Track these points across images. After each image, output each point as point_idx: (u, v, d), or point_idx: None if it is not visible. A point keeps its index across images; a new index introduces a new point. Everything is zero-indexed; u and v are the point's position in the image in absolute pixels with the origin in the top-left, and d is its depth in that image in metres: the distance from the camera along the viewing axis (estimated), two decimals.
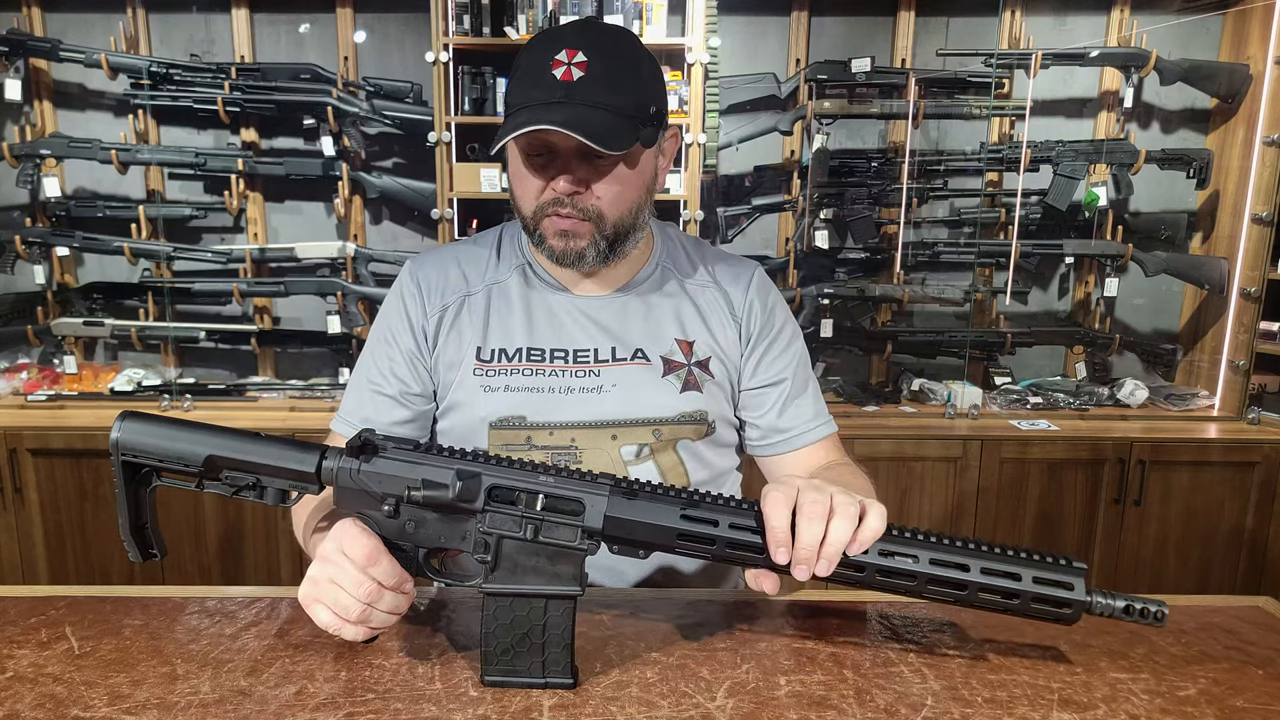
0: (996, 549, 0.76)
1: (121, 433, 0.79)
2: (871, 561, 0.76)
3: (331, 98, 2.57)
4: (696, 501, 0.77)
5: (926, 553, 0.75)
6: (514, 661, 0.74)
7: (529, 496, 0.77)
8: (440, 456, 0.78)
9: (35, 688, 0.74)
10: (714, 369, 1.10)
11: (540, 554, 0.76)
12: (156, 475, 0.81)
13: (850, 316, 2.89)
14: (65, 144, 2.62)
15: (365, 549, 0.75)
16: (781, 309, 1.16)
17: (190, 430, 0.79)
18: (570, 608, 0.75)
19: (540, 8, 2.47)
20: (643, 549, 0.78)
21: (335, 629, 0.76)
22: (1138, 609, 0.75)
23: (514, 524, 0.76)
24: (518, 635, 0.75)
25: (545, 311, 1.09)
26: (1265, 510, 2.48)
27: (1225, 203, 2.77)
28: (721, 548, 0.76)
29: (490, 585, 0.76)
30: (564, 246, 1.01)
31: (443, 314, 1.09)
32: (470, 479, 0.76)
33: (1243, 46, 2.67)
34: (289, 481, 0.79)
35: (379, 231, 2.88)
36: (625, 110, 0.95)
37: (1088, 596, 0.75)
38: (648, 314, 1.10)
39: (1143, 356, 2.91)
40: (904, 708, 0.72)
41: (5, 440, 2.38)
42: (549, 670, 0.74)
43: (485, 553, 0.76)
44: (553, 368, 1.06)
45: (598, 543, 0.77)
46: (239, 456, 0.78)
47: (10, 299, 2.73)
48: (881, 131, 2.84)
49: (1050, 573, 0.75)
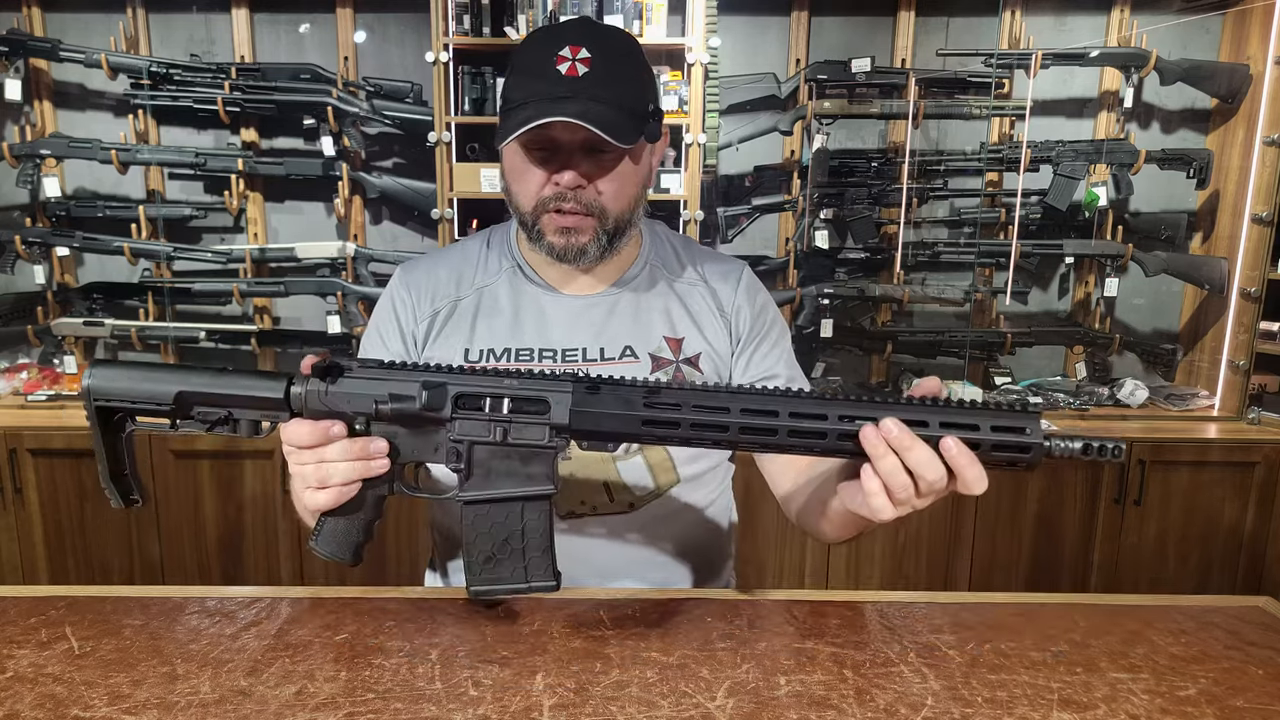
0: (954, 403, 0.77)
1: (92, 379, 0.80)
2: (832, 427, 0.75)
3: (331, 98, 2.57)
4: (658, 389, 0.78)
5: (888, 413, 0.75)
6: (496, 569, 0.76)
7: (495, 400, 0.78)
8: (405, 370, 0.80)
9: (35, 688, 0.74)
10: (704, 365, 1.10)
11: (511, 456, 0.78)
12: (131, 419, 0.82)
13: (850, 316, 2.89)
14: (65, 144, 2.61)
15: (297, 432, 0.78)
16: (770, 308, 1.17)
17: (159, 370, 0.81)
18: (546, 509, 0.77)
19: (540, 8, 2.47)
20: (611, 440, 0.79)
21: (309, 502, 0.80)
22: (1095, 447, 0.75)
23: (483, 429, 0.78)
24: (498, 541, 0.76)
25: (534, 312, 1.09)
26: (1265, 510, 2.48)
27: (1225, 203, 2.77)
28: (687, 430, 0.77)
29: (466, 494, 0.77)
30: (565, 243, 1.01)
31: (433, 318, 1.10)
32: (436, 389, 0.78)
33: (1243, 46, 2.67)
34: (260, 411, 0.80)
35: (379, 231, 2.88)
36: (630, 105, 0.96)
37: (1045, 440, 0.75)
38: (636, 312, 1.10)
39: (1143, 356, 2.91)
40: (904, 708, 0.72)
41: (5, 440, 2.38)
42: (531, 574, 0.76)
43: (458, 461, 0.78)
44: (541, 367, 1.06)
45: (566, 440, 0.78)
46: (208, 390, 0.79)
47: (10, 299, 2.72)
48: (881, 131, 2.84)
49: (1007, 420, 0.75)
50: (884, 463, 0.74)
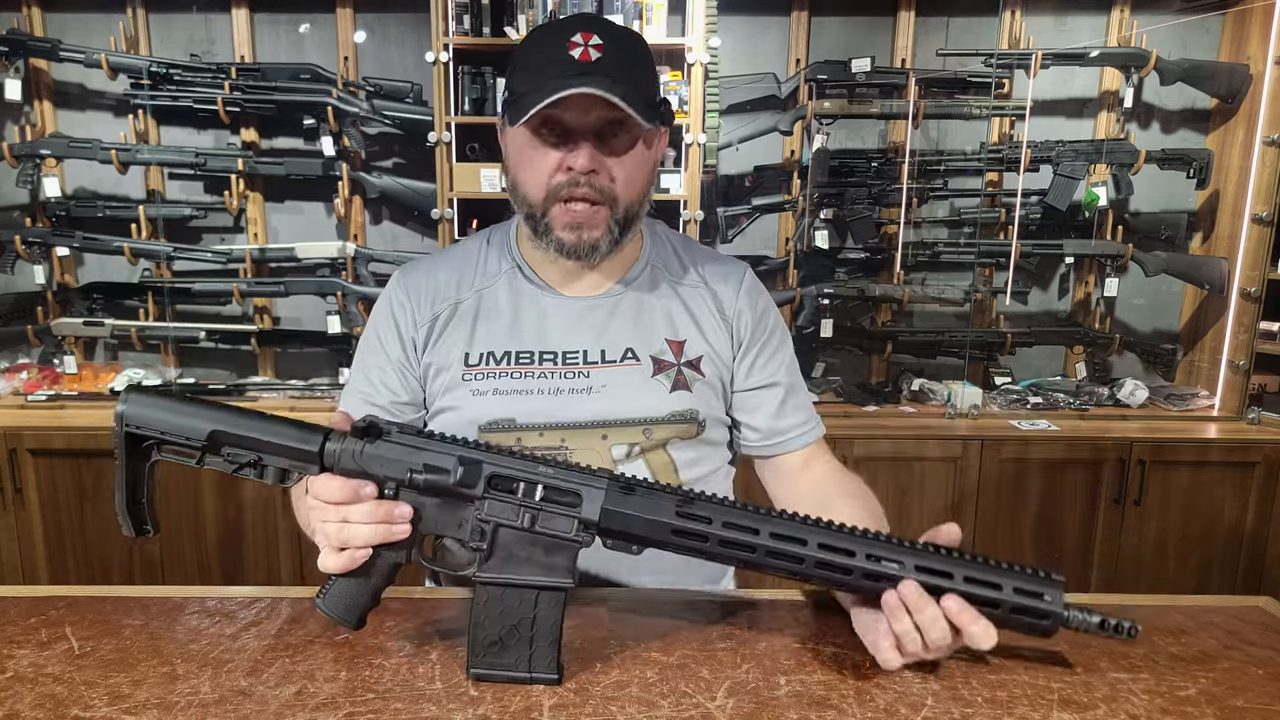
0: (979, 559, 0.77)
1: (128, 405, 0.79)
2: (858, 565, 0.76)
3: (331, 98, 2.57)
4: (692, 499, 0.78)
5: (912, 559, 0.76)
6: (501, 654, 0.75)
7: (528, 486, 0.77)
8: (443, 443, 0.79)
9: (35, 688, 0.74)
10: (705, 369, 1.10)
11: (535, 544, 0.77)
12: (158, 450, 0.81)
13: (850, 316, 2.89)
14: (65, 144, 2.61)
15: (328, 487, 0.78)
16: (772, 312, 1.17)
17: (195, 406, 0.80)
18: (560, 601, 0.76)
19: (540, 8, 2.47)
20: (637, 544, 0.78)
21: (322, 564, 0.80)
22: (1112, 625, 0.76)
23: (512, 512, 0.77)
24: (507, 627, 0.75)
25: (534, 314, 1.09)
26: (1265, 510, 2.48)
27: (1225, 203, 2.77)
28: (715, 545, 0.77)
29: (483, 574, 0.77)
30: (576, 239, 1.00)
31: (433, 323, 1.09)
32: (471, 465, 0.77)
33: (1243, 46, 2.67)
34: (291, 461, 0.79)
35: (379, 231, 2.88)
36: (643, 90, 0.97)
37: (1065, 610, 0.76)
38: (638, 314, 1.10)
39: (1143, 356, 2.91)
40: (904, 708, 0.72)
41: (5, 440, 2.38)
42: (535, 666, 0.75)
43: (481, 540, 0.77)
44: (541, 370, 1.06)
45: (593, 535, 0.78)
46: (243, 433, 0.79)
47: (10, 299, 2.72)
48: (881, 131, 2.84)
49: (1030, 584, 0.76)
50: (901, 624, 0.75)
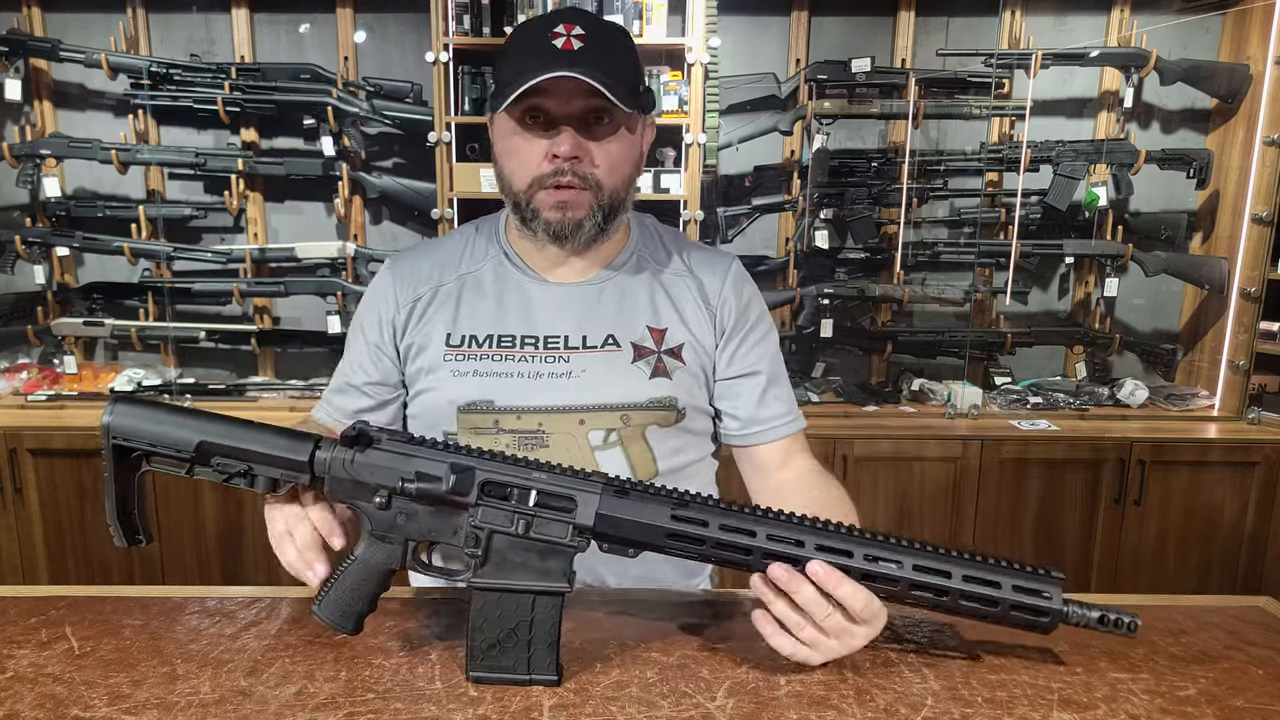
0: (978, 557, 0.77)
1: (114, 416, 0.79)
2: (857, 565, 0.76)
3: (331, 98, 2.57)
4: (687, 502, 0.78)
5: (910, 558, 0.76)
6: (499, 657, 0.75)
7: (522, 492, 0.77)
8: (435, 449, 0.79)
9: (35, 688, 0.74)
10: (686, 356, 1.10)
11: (530, 550, 0.77)
12: (147, 460, 0.81)
13: (850, 316, 2.89)
14: (65, 144, 2.61)
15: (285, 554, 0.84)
16: (757, 301, 1.17)
17: (183, 415, 0.80)
18: (557, 605, 0.76)
19: (540, 8, 2.47)
20: (632, 547, 0.78)
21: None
22: (1111, 619, 0.76)
23: (506, 519, 0.77)
24: (504, 631, 0.75)
25: (519, 299, 1.10)
26: (1265, 510, 2.48)
27: (1225, 203, 2.77)
28: (710, 548, 0.77)
29: (478, 580, 0.76)
30: (561, 218, 1.02)
31: (414, 304, 1.11)
32: (464, 473, 0.77)
33: (1243, 46, 2.67)
34: (281, 470, 0.79)
35: (379, 231, 2.88)
36: (625, 78, 0.99)
37: (1064, 606, 0.76)
38: (621, 301, 1.10)
39: (1143, 356, 2.91)
40: (904, 708, 0.72)
41: (5, 440, 2.38)
42: (534, 668, 0.75)
43: (475, 547, 0.77)
44: (522, 353, 1.07)
45: (588, 540, 0.78)
46: (231, 443, 0.79)
47: (10, 299, 2.72)
48: (881, 131, 2.84)
49: (1029, 581, 0.76)
50: (776, 607, 0.77)
